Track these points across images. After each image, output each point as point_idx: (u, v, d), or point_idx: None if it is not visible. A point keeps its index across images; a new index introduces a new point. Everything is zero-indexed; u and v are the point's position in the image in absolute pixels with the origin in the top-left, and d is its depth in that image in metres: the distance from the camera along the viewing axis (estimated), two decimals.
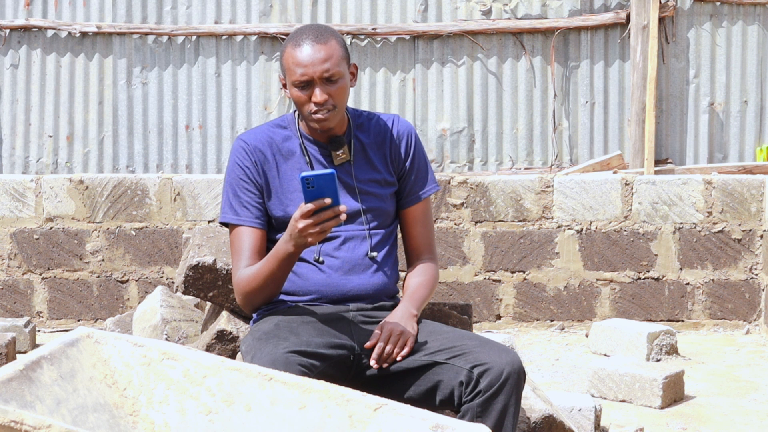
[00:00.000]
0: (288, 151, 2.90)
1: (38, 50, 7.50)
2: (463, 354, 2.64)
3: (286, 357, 2.54)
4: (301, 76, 2.77)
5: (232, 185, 2.88)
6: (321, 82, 2.78)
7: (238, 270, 2.84)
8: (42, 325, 6.44)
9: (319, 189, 2.53)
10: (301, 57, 2.78)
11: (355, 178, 2.89)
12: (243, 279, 2.82)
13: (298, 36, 2.81)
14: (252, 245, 2.84)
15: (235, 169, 2.88)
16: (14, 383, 2.09)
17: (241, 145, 2.89)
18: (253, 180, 2.87)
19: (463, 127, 7.47)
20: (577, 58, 7.42)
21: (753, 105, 7.41)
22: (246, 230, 2.86)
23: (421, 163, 2.99)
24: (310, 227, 2.57)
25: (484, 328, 6.32)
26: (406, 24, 7.45)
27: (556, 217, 6.36)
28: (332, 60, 2.78)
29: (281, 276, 2.77)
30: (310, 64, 2.77)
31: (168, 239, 6.40)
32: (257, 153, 2.88)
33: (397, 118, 2.99)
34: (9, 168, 7.52)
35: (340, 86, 2.80)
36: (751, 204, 6.34)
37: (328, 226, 2.57)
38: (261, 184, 2.87)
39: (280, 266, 2.73)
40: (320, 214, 2.56)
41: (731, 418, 4.58)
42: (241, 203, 2.87)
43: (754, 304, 6.37)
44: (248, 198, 2.86)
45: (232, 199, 2.88)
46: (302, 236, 2.60)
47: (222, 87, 7.52)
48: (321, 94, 2.77)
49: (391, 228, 2.96)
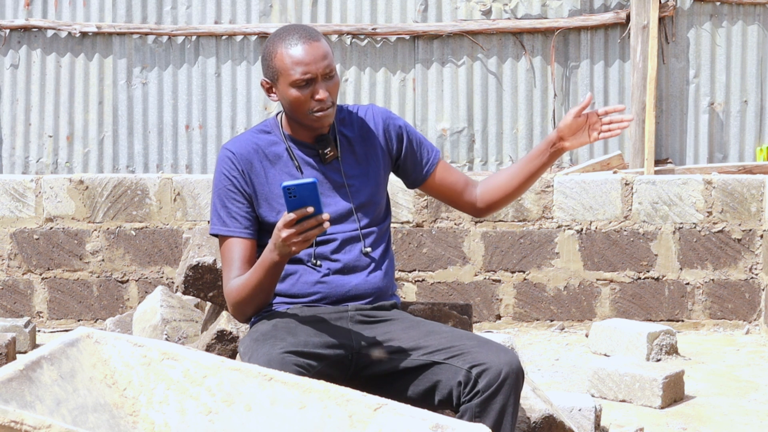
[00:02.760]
0: (274, 156, 2.88)
1: (38, 50, 7.50)
2: (462, 354, 2.64)
3: (282, 357, 2.54)
4: (303, 75, 2.76)
5: (220, 196, 2.86)
6: (323, 79, 2.78)
7: (229, 281, 2.83)
8: (42, 325, 6.44)
9: (301, 198, 2.51)
10: (301, 56, 2.77)
11: (344, 175, 2.89)
12: (233, 289, 2.81)
13: (288, 37, 2.80)
14: (241, 255, 2.83)
15: (222, 179, 2.86)
16: (14, 383, 2.09)
17: (226, 155, 2.86)
18: (240, 189, 2.85)
19: (463, 127, 7.46)
20: (577, 58, 7.42)
21: (753, 105, 7.41)
22: (235, 241, 2.84)
23: (416, 134, 3.01)
24: (293, 236, 2.55)
25: (484, 328, 6.32)
26: (406, 24, 7.45)
27: (556, 217, 6.36)
28: (329, 57, 2.80)
29: (269, 284, 2.75)
30: (313, 62, 2.76)
31: (168, 239, 6.39)
32: (243, 162, 2.85)
33: (373, 106, 3.00)
34: (9, 168, 7.52)
35: (335, 82, 2.82)
36: (751, 204, 6.34)
37: (311, 234, 2.55)
38: (249, 193, 2.85)
39: (267, 275, 2.72)
40: (303, 223, 2.54)
41: (731, 418, 4.58)
42: (230, 214, 2.85)
43: (754, 304, 6.37)
44: (236, 208, 2.84)
45: (221, 210, 2.85)
46: (286, 245, 2.58)
47: (222, 87, 7.52)
48: (323, 92, 2.78)
49: (385, 224, 2.96)
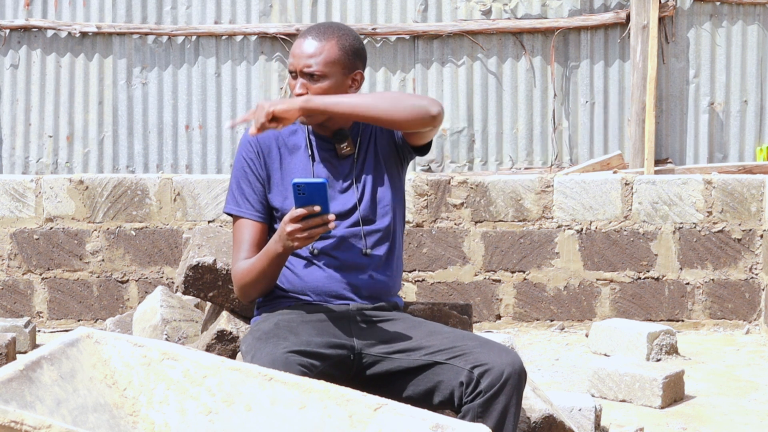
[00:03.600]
0: (293, 145, 2.94)
1: (38, 50, 7.50)
2: (464, 354, 2.64)
3: (286, 357, 2.55)
4: (289, 66, 2.87)
5: (237, 177, 2.94)
6: (302, 76, 2.83)
7: (237, 261, 2.90)
8: (42, 326, 6.44)
9: (309, 196, 2.58)
10: (295, 47, 2.86)
11: (357, 172, 2.91)
12: (239, 271, 2.88)
13: (308, 28, 2.90)
14: (251, 238, 2.90)
15: (241, 161, 2.94)
16: (14, 383, 2.09)
17: (248, 139, 2.95)
18: (255, 173, 2.92)
19: (463, 127, 7.46)
20: (577, 58, 7.42)
21: (753, 105, 7.41)
22: (247, 222, 2.91)
23: None
24: (297, 231, 2.62)
25: (484, 328, 6.32)
26: (406, 24, 7.45)
27: (556, 217, 6.36)
28: (319, 58, 2.81)
29: (273, 272, 2.82)
30: (297, 56, 2.84)
31: (168, 239, 6.39)
32: (263, 146, 2.93)
33: None
34: (9, 168, 7.52)
35: (321, 86, 2.81)
36: (751, 204, 6.33)
37: (315, 232, 2.62)
38: (263, 177, 2.92)
39: (271, 264, 2.79)
40: (309, 220, 2.60)
41: (731, 418, 4.58)
42: (244, 195, 2.92)
43: (754, 304, 6.37)
44: (250, 190, 2.92)
45: (236, 190, 2.94)
46: (290, 239, 2.65)
47: (222, 87, 7.52)
48: (299, 87, 2.83)
49: (392, 224, 2.93)
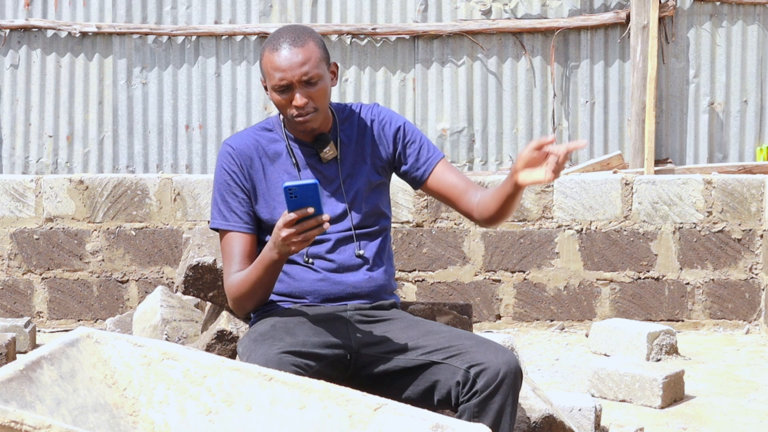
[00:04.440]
0: (274, 154, 2.89)
1: (38, 50, 7.50)
2: (460, 354, 2.64)
3: (280, 357, 2.54)
4: (280, 81, 2.75)
5: (220, 191, 2.88)
6: (300, 86, 2.76)
7: (229, 275, 2.84)
8: (42, 325, 6.44)
9: (302, 198, 2.52)
10: (279, 61, 2.75)
11: (342, 175, 2.89)
12: (233, 284, 2.83)
13: (275, 39, 2.79)
14: (242, 250, 2.85)
15: (222, 174, 2.87)
16: (14, 383, 2.09)
17: (227, 150, 2.88)
18: (240, 185, 2.86)
19: (463, 127, 7.46)
20: (577, 58, 7.42)
21: (753, 105, 7.41)
22: (235, 235, 2.86)
23: (418, 135, 2.97)
24: (292, 236, 2.57)
25: (484, 328, 6.32)
26: (406, 24, 7.45)
27: (556, 217, 6.36)
28: (310, 63, 2.75)
29: (269, 281, 2.77)
30: (289, 69, 2.74)
31: (168, 239, 6.39)
32: (243, 157, 2.87)
33: (376, 106, 2.98)
34: (9, 168, 7.52)
35: (319, 88, 2.78)
36: (751, 204, 6.34)
37: (310, 235, 2.57)
38: (248, 188, 2.87)
39: (267, 272, 2.74)
40: (303, 223, 2.55)
41: (731, 418, 4.58)
42: (230, 208, 2.86)
43: (754, 304, 6.37)
44: (236, 203, 2.86)
45: (221, 204, 2.87)
46: (285, 245, 2.60)
47: (222, 87, 7.52)
48: (301, 98, 2.76)
49: (382, 225, 2.94)
